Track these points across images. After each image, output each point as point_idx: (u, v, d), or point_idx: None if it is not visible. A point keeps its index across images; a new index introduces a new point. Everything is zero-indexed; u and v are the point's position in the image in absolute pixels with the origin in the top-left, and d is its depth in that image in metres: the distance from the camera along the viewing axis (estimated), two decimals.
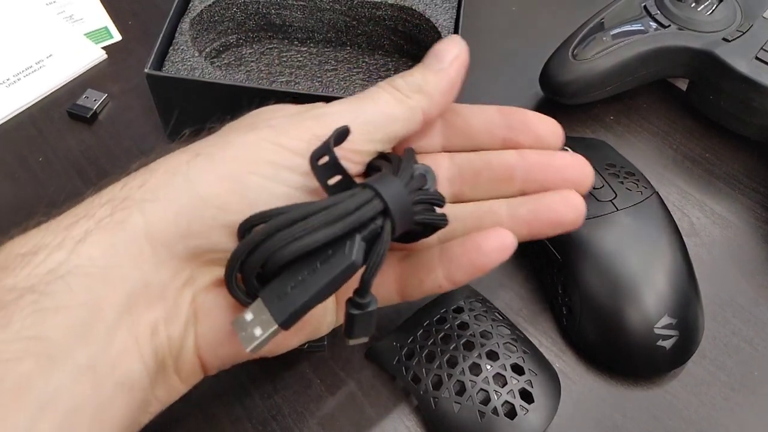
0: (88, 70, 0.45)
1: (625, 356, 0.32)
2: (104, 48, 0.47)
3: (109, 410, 0.22)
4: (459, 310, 0.33)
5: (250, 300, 0.24)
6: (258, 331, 0.23)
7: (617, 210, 0.34)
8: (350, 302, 0.25)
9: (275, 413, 0.32)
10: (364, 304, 0.25)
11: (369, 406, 0.33)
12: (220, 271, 0.25)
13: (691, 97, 0.44)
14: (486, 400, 0.30)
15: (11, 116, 0.43)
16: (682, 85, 0.45)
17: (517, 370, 0.31)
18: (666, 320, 0.32)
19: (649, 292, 0.32)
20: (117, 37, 0.48)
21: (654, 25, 0.42)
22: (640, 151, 0.42)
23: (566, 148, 0.37)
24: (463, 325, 0.32)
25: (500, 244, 0.26)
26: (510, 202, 0.28)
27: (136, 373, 0.23)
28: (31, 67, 0.45)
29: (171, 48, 0.40)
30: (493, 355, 0.31)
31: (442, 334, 0.32)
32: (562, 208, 0.27)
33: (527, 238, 0.28)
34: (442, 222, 0.27)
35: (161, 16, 0.41)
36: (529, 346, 0.33)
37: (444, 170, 0.29)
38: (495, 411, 0.30)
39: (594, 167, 0.35)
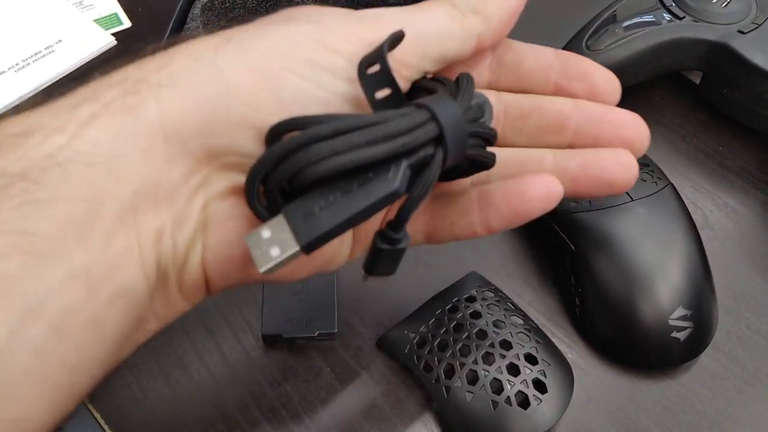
0: (97, 57, 0.45)
1: (639, 348, 0.32)
2: (114, 34, 0.46)
3: (105, 319, 0.20)
4: (471, 299, 0.33)
5: (270, 215, 0.21)
6: (275, 251, 0.20)
7: (632, 200, 0.33)
8: (380, 235, 0.22)
9: (285, 401, 0.32)
10: (397, 240, 0.22)
11: (380, 395, 0.32)
12: (238, 177, 0.22)
13: (705, 90, 0.43)
14: (499, 390, 0.30)
15: (20, 101, 0.42)
16: (695, 78, 0.45)
17: (531, 359, 0.31)
18: (680, 312, 0.32)
19: (663, 283, 0.32)
20: (127, 23, 0.47)
21: (668, 16, 0.42)
22: (652, 144, 0.41)
23: None
24: (476, 314, 0.32)
25: (546, 192, 0.24)
26: (557, 152, 0.25)
27: (136, 282, 0.20)
28: (40, 52, 0.44)
29: (182, 34, 0.39)
30: (506, 345, 0.31)
31: (454, 323, 0.32)
32: (615, 167, 0.24)
33: (571, 195, 0.25)
34: (491, 161, 0.24)
35: (172, 3, 0.41)
36: (542, 336, 0.32)
37: None
38: (508, 401, 0.29)
39: None
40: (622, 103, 0.43)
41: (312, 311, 0.34)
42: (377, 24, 0.22)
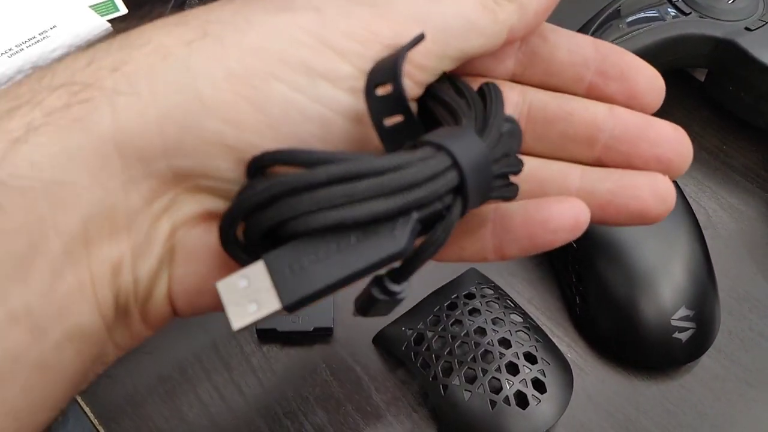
0: (92, 43, 0.44)
1: (640, 348, 0.32)
2: (110, 21, 0.45)
3: (55, 362, 0.17)
4: (470, 296, 0.32)
5: (249, 258, 0.18)
6: (252, 307, 0.17)
7: None
8: (378, 284, 0.19)
9: (279, 398, 0.32)
10: (396, 293, 0.19)
11: (376, 392, 0.32)
12: (211, 202, 0.19)
13: (710, 88, 0.43)
14: (497, 389, 0.29)
15: None
16: (700, 75, 0.44)
17: (530, 358, 0.30)
18: (683, 312, 0.31)
19: (666, 282, 0.31)
20: (123, 10, 0.46)
21: (673, 12, 0.41)
22: None
23: None
24: (475, 312, 0.31)
25: (573, 222, 0.20)
26: (585, 171, 0.22)
27: (89, 322, 0.17)
28: (34, 37, 0.43)
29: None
30: (505, 343, 0.30)
31: (452, 320, 0.31)
32: (649, 197, 0.21)
33: (595, 222, 0.21)
34: (513, 196, 0.20)
35: None
36: (541, 334, 0.32)
37: (509, 106, 0.22)
38: (506, 400, 0.29)
39: None
40: None
41: (308, 307, 0.33)
42: (390, 14, 0.19)
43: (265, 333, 0.33)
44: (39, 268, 0.16)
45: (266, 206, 0.17)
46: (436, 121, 0.19)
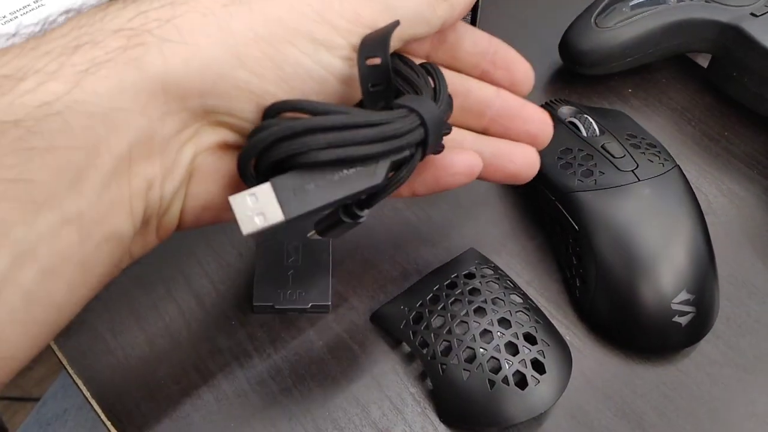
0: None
1: (640, 331, 0.31)
2: None
3: (93, 261, 0.20)
4: (470, 276, 0.32)
5: (256, 183, 0.22)
6: (260, 218, 0.22)
7: (639, 180, 0.32)
8: (345, 209, 0.24)
9: (274, 374, 0.31)
10: (360, 216, 0.24)
11: (373, 371, 0.31)
12: (227, 134, 0.23)
13: (713, 74, 0.43)
14: (496, 369, 0.29)
15: None
16: (703, 62, 0.44)
17: (530, 339, 0.30)
18: (684, 296, 0.31)
19: (667, 265, 0.31)
20: None
21: None
22: (657, 126, 0.41)
23: (587, 116, 0.36)
24: (474, 291, 0.31)
25: (469, 168, 0.27)
26: (476, 136, 0.28)
27: (123, 228, 0.21)
28: (28, 5, 0.43)
29: None
30: (505, 323, 0.30)
31: (452, 299, 0.31)
32: (521, 162, 0.28)
33: (479, 177, 0.28)
34: (442, 150, 0.26)
35: None
36: (541, 316, 0.32)
37: None
38: (505, 380, 0.29)
39: (615, 137, 0.34)
40: (629, 83, 0.43)
41: (305, 283, 0.33)
42: (370, 3, 0.23)
43: (261, 309, 0.32)
44: (92, 180, 0.19)
45: (285, 140, 0.21)
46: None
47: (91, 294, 0.21)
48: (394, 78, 0.24)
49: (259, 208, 0.22)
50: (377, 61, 0.23)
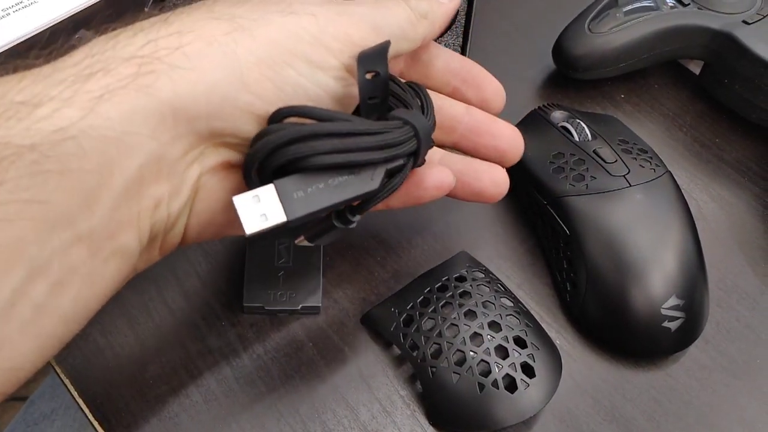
0: (82, 11, 0.43)
1: (629, 336, 0.32)
2: None
3: (101, 275, 0.21)
4: (461, 279, 0.32)
5: (260, 185, 0.23)
6: (263, 218, 0.22)
7: (630, 186, 0.33)
8: (338, 215, 0.25)
9: (264, 375, 0.31)
10: (352, 222, 0.25)
11: (363, 373, 0.31)
12: (229, 154, 0.24)
13: (705, 80, 0.43)
14: (486, 372, 0.29)
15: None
16: (695, 68, 0.44)
17: (520, 343, 0.30)
18: (673, 301, 0.31)
19: (658, 271, 0.31)
20: None
21: (671, 2, 0.41)
22: (649, 132, 0.41)
23: (579, 121, 0.36)
24: (465, 294, 0.31)
25: (440, 183, 0.28)
26: (445, 153, 0.30)
27: (131, 245, 0.22)
28: (21, 2, 0.42)
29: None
30: (495, 326, 0.30)
31: (443, 302, 0.31)
32: (488, 182, 0.29)
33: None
34: (423, 163, 0.27)
35: None
36: (531, 319, 0.32)
37: None
38: (495, 383, 0.29)
39: (607, 142, 0.35)
40: (622, 89, 0.43)
41: (296, 284, 0.33)
42: (359, 23, 0.25)
43: (252, 310, 0.32)
44: (103, 200, 0.20)
45: (292, 143, 0.22)
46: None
47: (96, 307, 0.22)
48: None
49: (262, 208, 0.22)
50: (375, 74, 0.24)
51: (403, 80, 0.27)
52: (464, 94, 0.30)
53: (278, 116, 0.23)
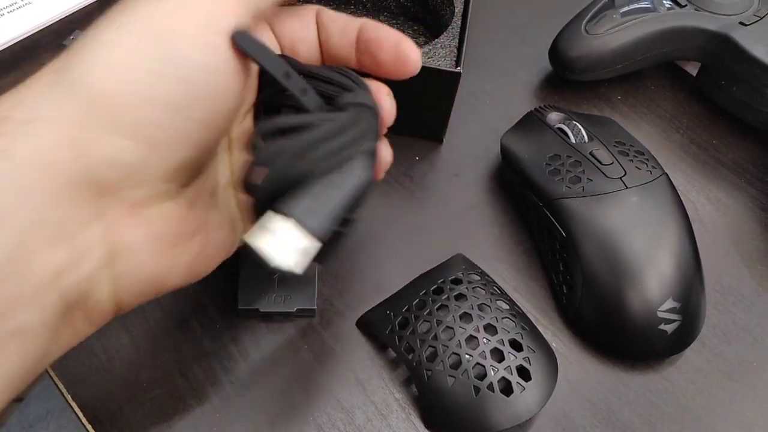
0: (77, 11, 0.43)
1: (626, 338, 0.31)
2: None
3: (2, 359, 0.19)
4: (457, 282, 0.32)
5: (263, 211, 0.22)
6: (295, 251, 0.21)
7: (626, 188, 0.32)
8: (341, 222, 0.23)
9: (258, 377, 0.31)
10: (351, 221, 0.24)
11: (358, 376, 0.31)
12: (133, 194, 0.21)
13: (702, 82, 0.43)
14: (482, 375, 0.29)
15: None
16: (692, 70, 0.44)
17: (515, 346, 0.30)
18: (670, 304, 0.31)
19: (654, 273, 0.31)
20: None
21: (668, 3, 0.41)
22: (646, 133, 0.41)
23: (575, 122, 0.36)
24: (461, 297, 0.31)
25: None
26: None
27: (32, 323, 0.19)
28: (15, 3, 0.42)
29: None
30: (490, 329, 0.30)
31: (438, 304, 0.31)
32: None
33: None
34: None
35: None
36: (527, 322, 0.31)
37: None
38: (491, 387, 0.28)
39: (603, 144, 0.34)
40: (618, 90, 0.43)
41: (291, 287, 0.32)
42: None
43: (247, 313, 0.32)
44: None
45: (289, 170, 0.21)
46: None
47: (12, 390, 0.20)
48: (316, 84, 0.24)
49: (283, 238, 0.21)
50: (290, 73, 0.23)
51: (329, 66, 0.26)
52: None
53: (267, 134, 0.22)
